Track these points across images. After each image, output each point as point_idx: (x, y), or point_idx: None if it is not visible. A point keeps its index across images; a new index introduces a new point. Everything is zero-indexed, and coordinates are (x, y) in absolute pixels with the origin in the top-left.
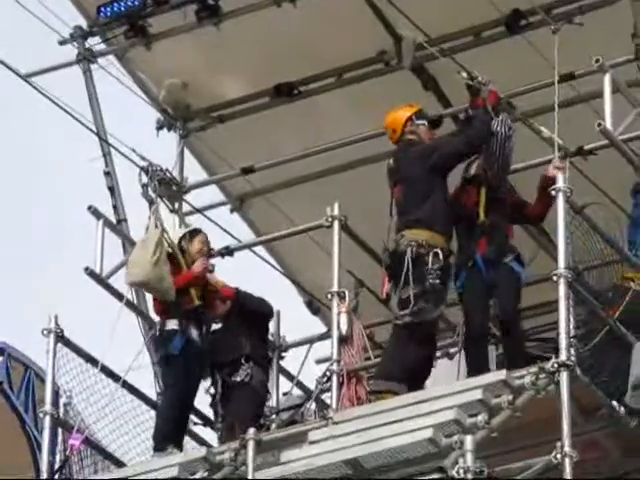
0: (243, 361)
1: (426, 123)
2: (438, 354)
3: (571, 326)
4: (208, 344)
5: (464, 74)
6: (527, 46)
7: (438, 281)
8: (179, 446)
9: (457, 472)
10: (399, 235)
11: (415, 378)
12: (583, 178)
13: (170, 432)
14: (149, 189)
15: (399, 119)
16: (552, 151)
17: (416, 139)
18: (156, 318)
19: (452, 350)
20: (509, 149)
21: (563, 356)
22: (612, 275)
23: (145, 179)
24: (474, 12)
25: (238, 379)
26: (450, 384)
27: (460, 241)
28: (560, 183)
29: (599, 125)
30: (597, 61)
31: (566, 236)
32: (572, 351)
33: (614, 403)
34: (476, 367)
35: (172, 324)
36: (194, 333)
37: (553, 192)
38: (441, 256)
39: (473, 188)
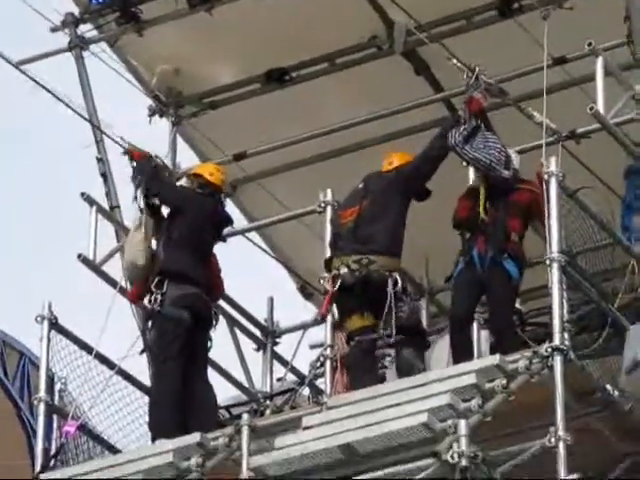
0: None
1: None
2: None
3: (564, 310)
4: None
5: (455, 62)
6: (519, 30)
7: (406, 315)
8: None
9: (451, 456)
10: (365, 258)
11: None
12: (576, 162)
13: None
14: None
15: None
16: (544, 135)
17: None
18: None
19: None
20: (472, 151)
21: (557, 340)
22: (606, 259)
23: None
24: None
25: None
26: (444, 368)
27: (463, 238)
28: (553, 167)
29: (591, 109)
30: (589, 44)
31: (559, 220)
32: (566, 335)
33: (608, 387)
34: (458, 352)
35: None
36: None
37: (546, 176)
38: (409, 289)
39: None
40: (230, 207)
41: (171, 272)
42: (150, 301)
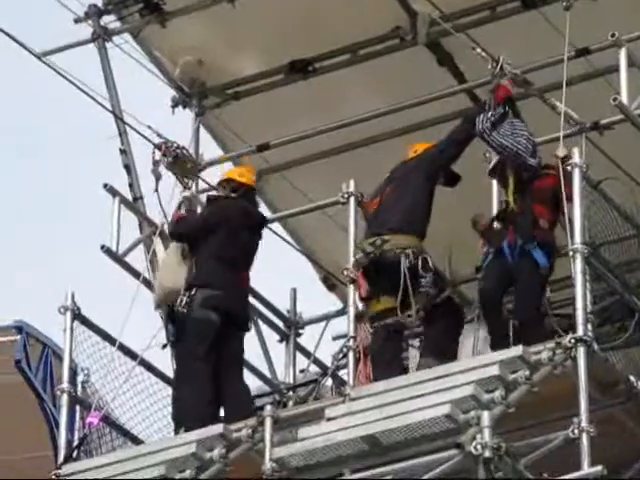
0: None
1: None
2: None
3: (588, 301)
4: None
5: (480, 52)
6: (543, 21)
7: (431, 290)
8: None
9: (475, 448)
10: (379, 239)
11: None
12: (599, 153)
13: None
14: (161, 165)
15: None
16: (567, 126)
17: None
18: None
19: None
20: (500, 137)
21: (580, 331)
22: (630, 250)
23: (158, 156)
24: None
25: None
26: (467, 359)
27: (495, 228)
28: (576, 158)
29: (615, 100)
30: (613, 35)
31: (582, 212)
32: (589, 326)
33: (632, 378)
34: (495, 335)
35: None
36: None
37: (569, 167)
38: (430, 262)
39: (505, 177)
40: None
41: (201, 284)
42: (179, 303)
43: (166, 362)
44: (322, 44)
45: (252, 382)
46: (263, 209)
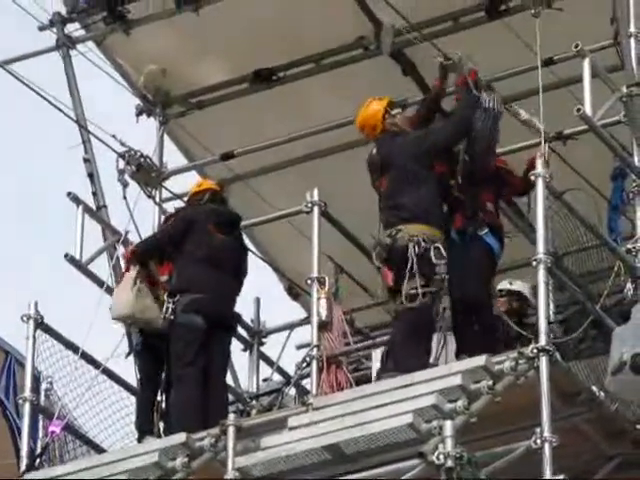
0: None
1: (400, 110)
2: None
3: (550, 311)
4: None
5: (439, 58)
6: (507, 31)
7: (444, 275)
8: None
9: (437, 457)
10: (394, 229)
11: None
12: (563, 163)
13: (143, 423)
14: (126, 174)
15: (376, 114)
16: (531, 136)
17: (397, 130)
18: None
19: None
20: (497, 127)
21: (542, 341)
22: (592, 260)
23: (122, 165)
24: None
25: None
26: (430, 369)
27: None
28: (539, 168)
29: (578, 110)
30: (576, 46)
31: (545, 221)
32: (552, 336)
33: (594, 388)
34: (464, 342)
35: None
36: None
37: (533, 177)
38: (443, 251)
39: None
40: None
41: (182, 290)
42: (164, 311)
43: (129, 371)
44: (287, 53)
45: None
46: None
